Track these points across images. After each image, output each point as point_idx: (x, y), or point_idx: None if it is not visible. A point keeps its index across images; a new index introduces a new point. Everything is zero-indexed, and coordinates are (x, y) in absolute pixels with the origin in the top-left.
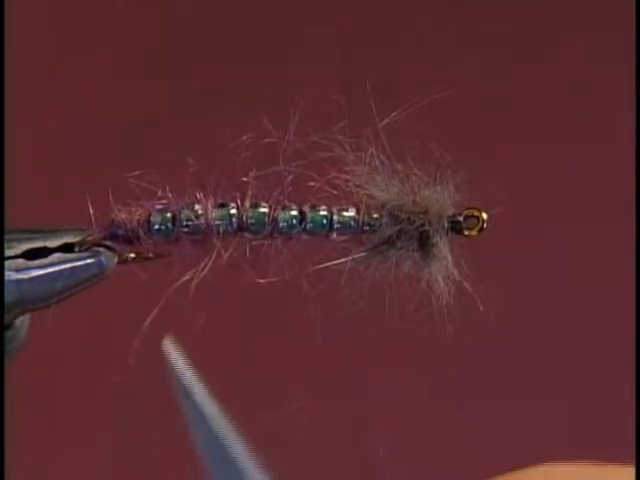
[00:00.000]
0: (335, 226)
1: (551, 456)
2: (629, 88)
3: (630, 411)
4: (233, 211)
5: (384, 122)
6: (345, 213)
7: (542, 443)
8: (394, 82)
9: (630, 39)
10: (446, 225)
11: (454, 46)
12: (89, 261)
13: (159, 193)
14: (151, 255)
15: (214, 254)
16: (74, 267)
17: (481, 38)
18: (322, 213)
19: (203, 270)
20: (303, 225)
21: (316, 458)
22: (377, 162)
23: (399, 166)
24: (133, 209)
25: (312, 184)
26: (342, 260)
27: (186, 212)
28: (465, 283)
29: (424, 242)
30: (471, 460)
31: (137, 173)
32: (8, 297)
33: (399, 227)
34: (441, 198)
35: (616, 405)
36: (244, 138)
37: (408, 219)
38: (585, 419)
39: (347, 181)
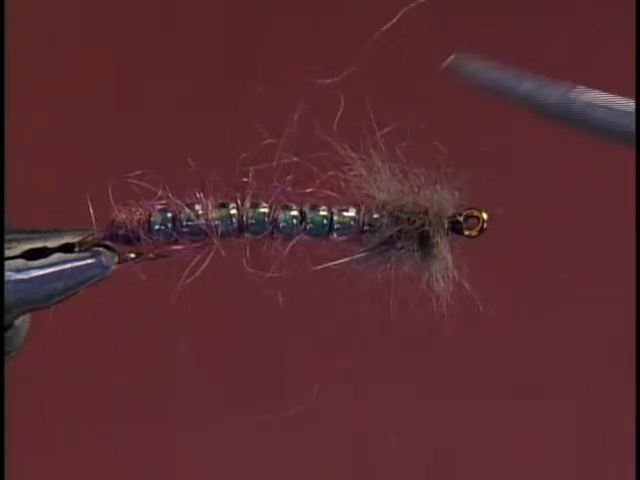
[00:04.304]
0: (335, 226)
1: (550, 454)
2: (629, 90)
3: (630, 411)
4: (233, 211)
5: (382, 118)
6: (345, 213)
7: (541, 442)
8: (394, 82)
9: (630, 43)
10: (446, 225)
11: (454, 46)
12: (89, 261)
13: (159, 193)
14: (151, 255)
15: (211, 253)
16: (74, 267)
17: (481, 39)
18: (322, 213)
19: (202, 268)
20: (303, 225)
21: (316, 458)
22: (377, 162)
23: (399, 166)
24: (133, 209)
25: (312, 184)
26: (342, 260)
27: (186, 212)
28: (465, 283)
29: (424, 242)
30: (470, 460)
31: (137, 173)
32: (8, 297)
33: (399, 227)
34: (441, 198)
35: (616, 405)
36: (244, 139)
37: (408, 219)
38: (585, 418)
39: (347, 181)
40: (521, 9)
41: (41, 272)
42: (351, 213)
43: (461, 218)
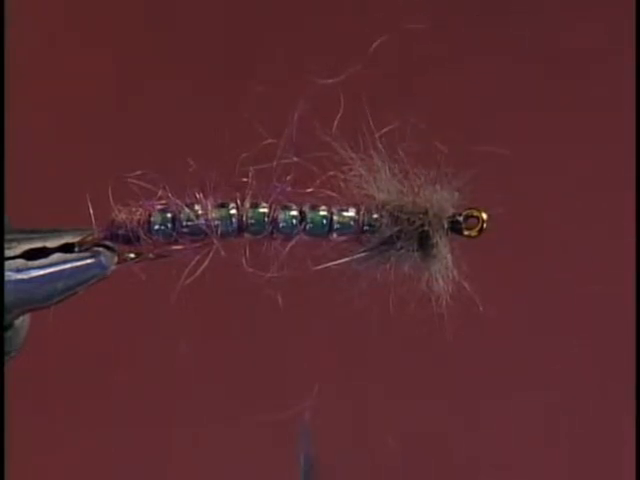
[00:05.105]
0: (335, 226)
1: (549, 455)
2: (629, 92)
3: (630, 411)
4: (233, 211)
5: (383, 122)
6: (345, 213)
7: (542, 442)
8: (394, 82)
9: (630, 44)
10: (446, 225)
11: (454, 47)
12: (89, 261)
13: (159, 193)
14: (151, 255)
15: (211, 253)
16: (74, 267)
17: (482, 42)
18: (322, 213)
19: (202, 268)
20: (303, 225)
21: (316, 457)
22: (377, 162)
23: (399, 166)
24: (133, 209)
25: (312, 184)
26: (342, 260)
27: (186, 212)
28: (465, 283)
29: (424, 242)
30: (469, 459)
31: (137, 173)
32: (8, 297)
33: (399, 227)
34: (441, 199)
35: (616, 404)
36: (244, 139)
37: (408, 219)
38: (585, 418)
39: (347, 181)
40: (521, 9)
41: (41, 272)
42: (351, 213)
43: (461, 218)
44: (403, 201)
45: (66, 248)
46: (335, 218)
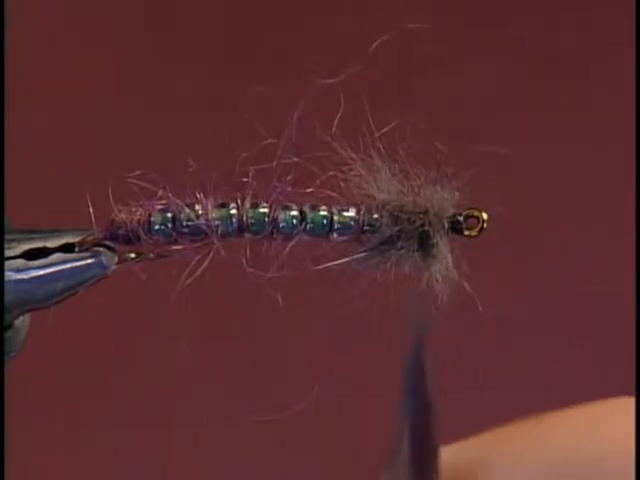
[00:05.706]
0: (335, 226)
1: None
2: (629, 92)
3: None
4: (233, 211)
5: (382, 121)
6: (345, 213)
7: None
8: (395, 82)
9: (630, 43)
10: (446, 225)
11: (454, 47)
12: (89, 261)
13: (159, 193)
14: (151, 255)
15: (211, 253)
16: (74, 267)
17: (482, 42)
18: (322, 213)
19: (202, 268)
20: (303, 225)
21: (316, 458)
22: (377, 162)
23: (399, 166)
24: (133, 209)
25: (312, 184)
26: (342, 260)
27: (186, 212)
28: (465, 283)
29: (424, 242)
30: None
31: (137, 173)
32: (8, 297)
33: (399, 227)
34: (441, 198)
35: None
36: (244, 139)
37: (408, 219)
38: None
39: (347, 181)
40: (521, 9)
41: (41, 272)
42: (351, 213)
43: (461, 218)
44: (403, 201)
45: (66, 248)
46: (335, 218)
